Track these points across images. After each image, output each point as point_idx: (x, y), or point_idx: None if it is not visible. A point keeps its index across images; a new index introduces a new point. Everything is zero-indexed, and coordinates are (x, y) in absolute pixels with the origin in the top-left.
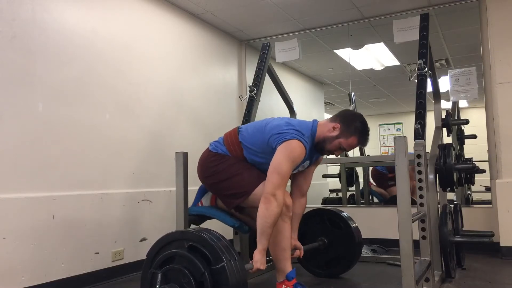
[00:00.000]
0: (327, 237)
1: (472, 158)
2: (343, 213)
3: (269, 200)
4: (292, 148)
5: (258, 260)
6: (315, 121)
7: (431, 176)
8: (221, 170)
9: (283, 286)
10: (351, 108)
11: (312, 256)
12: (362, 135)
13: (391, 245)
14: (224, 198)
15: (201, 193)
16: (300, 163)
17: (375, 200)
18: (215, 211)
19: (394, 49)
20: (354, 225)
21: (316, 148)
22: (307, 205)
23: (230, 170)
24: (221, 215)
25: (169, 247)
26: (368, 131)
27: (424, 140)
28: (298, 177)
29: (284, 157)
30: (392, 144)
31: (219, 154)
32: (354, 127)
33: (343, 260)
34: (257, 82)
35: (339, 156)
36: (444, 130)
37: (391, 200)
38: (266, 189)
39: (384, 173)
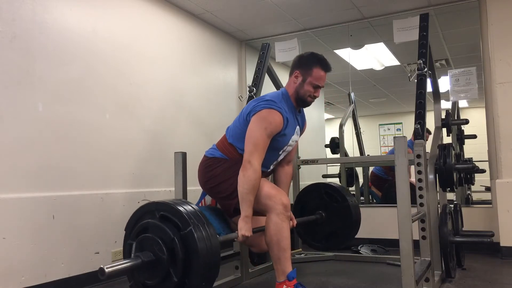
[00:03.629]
0: (325, 211)
1: (472, 158)
2: (341, 188)
3: (245, 167)
4: (262, 117)
5: (243, 227)
6: (283, 88)
7: (431, 176)
8: (218, 174)
9: (284, 286)
10: (350, 108)
11: (310, 230)
12: (320, 61)
13: (391, 245)
14: (222, 201)
15: (204, 192)
16: (288, 130)
17: (375, 200)
18: (207, 213)
19: (394, 49)
20: (352, 199)
21: (299, 104)
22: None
23: (226, 173)
24: (211, 219)
25: (143, 218)
26: (322, 56)
27: (424, 141)
28: None
29: (255, 126)
30: (392, 144)
31: (216, 158)
32: (308, 61)
33: (341, 233)
34: (257, 82)
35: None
36: (444, 130)
37: (385, 200)
38: (243, 158)
39: (383, 177)
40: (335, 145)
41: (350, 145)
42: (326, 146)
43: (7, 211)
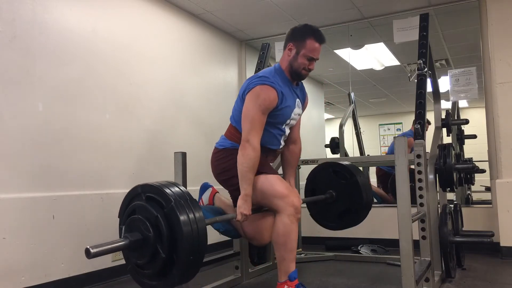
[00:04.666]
0: (335, 189)
1: (472, 158)
2: (349, 165)
3: (244, 146)
4: (255, 94)
5: (242, 205)
6: (276, 63)
7: (431, 176)
8: (231, 168)
9: (285, 286)
10: (350, 108)
11: (323, 210)
12: (313, 32)
13: (391, 245)
14: (234, 192)
15: (201, 192)
16: (286, 103)
17: (374, 200)
18: (205, 212)
19: (394, 49)
20: (360, 174)
21: (293, 77)
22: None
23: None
24: (208, 216)
25: (131, 202)
26: (316, 27)
27: (424, 140)
28: None
29: (249, 104)
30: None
31: (227, 149)
32: (302, 32)
33: (353, 210)
34: None
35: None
36: (444, 130)
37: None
38: (242, 137)
39: (388, 172)
40: (335, 145)
41: (350, 145)
42: (326, 146)
43: (7, 211)
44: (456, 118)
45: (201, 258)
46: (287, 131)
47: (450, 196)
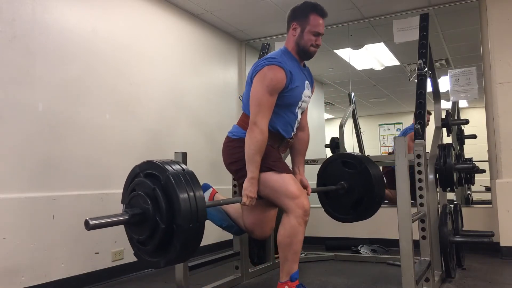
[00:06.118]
0: (347, 180)
1: (472, 158)
2: (358, 154)
3: (251, 129)
4: (263, 75)
5: (247, 188)
6: (282, 47)
7: (431, 176)
8: (243, 158)
9: (286, 286)
10: (350, 108)
11: (336, 203)
12: (315, 7)
13: (391, 245)
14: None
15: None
16: (296, 83)
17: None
18: (208, 210)
19: (394, 49)
20: (369, 161)
21: (302, 57)
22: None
23: None
24: (210, 213)
25: (132, 182)
26: (315, 2)
27: (424, 140)
28: None
29: (257, 86)
30: (392, 144)
31: (240, 139)
32: (303, 10)
33: (366, 198)
34: None
35: None
36: (444, 130)
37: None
38: (249, 120)
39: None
40: (335, 145)
41: (350, 145)
42: (326, 146)
43: (7, 211)
44: (456, 118)
45: (201, 228)
46: (299, 115)
47: (450, 196)
